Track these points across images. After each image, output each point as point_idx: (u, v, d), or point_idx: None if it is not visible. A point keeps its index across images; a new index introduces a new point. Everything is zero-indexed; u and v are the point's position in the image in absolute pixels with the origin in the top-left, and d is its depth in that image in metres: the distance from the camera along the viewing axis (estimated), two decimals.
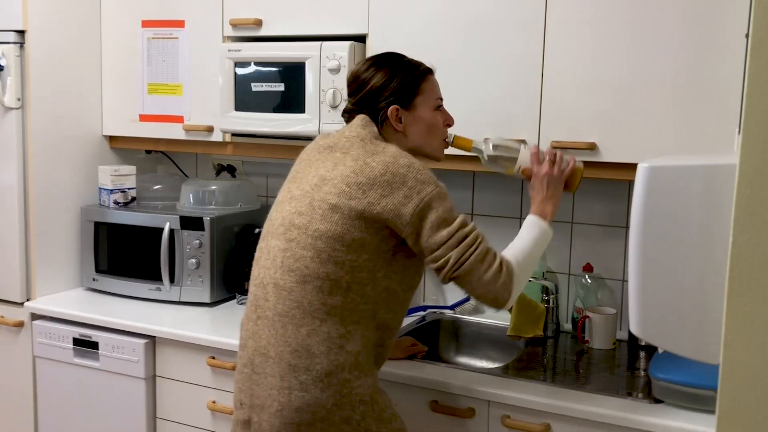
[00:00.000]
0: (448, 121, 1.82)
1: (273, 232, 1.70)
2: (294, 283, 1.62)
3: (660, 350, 2.11)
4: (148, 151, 2.91)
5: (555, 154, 1.81)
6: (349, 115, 1.78)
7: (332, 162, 1.67)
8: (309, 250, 1.61)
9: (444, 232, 1.61)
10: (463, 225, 1.63)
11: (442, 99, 1.81)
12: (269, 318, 1.65)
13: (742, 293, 0.91)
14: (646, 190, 1.06)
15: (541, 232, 1.75)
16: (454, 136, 1.83)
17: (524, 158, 1.83)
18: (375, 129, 1.71)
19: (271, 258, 1.68)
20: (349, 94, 1.79)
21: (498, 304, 1.65)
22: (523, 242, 1.73)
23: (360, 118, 1.73)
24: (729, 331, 0.92)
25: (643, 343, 2.19)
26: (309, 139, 2.32)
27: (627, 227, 2.29)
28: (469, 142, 1.85)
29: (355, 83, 1.77)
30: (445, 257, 1.61)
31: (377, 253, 1.63)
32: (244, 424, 1.70)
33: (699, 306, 1.04)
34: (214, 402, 2.22)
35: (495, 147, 1.85)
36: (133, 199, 2.68)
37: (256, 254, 1.76)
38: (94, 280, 2.64)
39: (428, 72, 1.79)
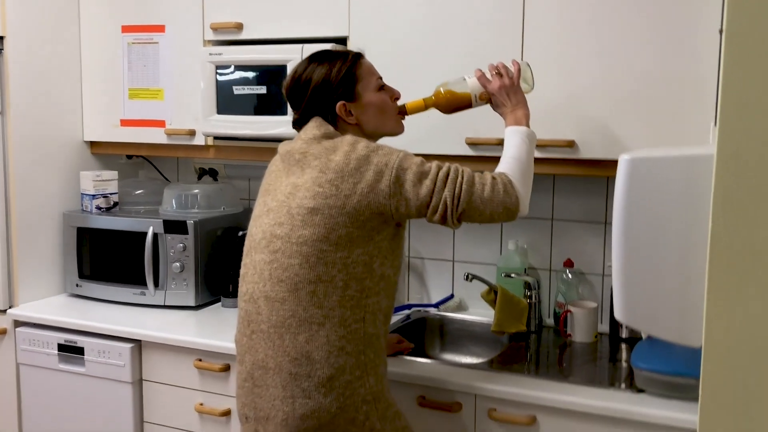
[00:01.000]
0: (395, 95, 1.84)
1: (255, 247, 1.71)
2: (286, 292, 1.63)
3: (644, 335, 2.16)
4: (129, 156, 2.91)
5: (497, 67, 1.85)
6: (299, 126, 1.78)
7: (299, 167, 1.69)
8: (296, 258, 1.63)
9: (427, 182, 1.63)
10: (440, 167, 1.66)
11: (381, 77, 1.82)
12: (264, 331, 1.66)
13: (722, 277, 0.95)
14: (628, 180, 1.10)
15: (523, 136, 1.77)
16: (405, 104, 1.86)
17: (474, 86, 1.87)
18: (330, 127, 1.72)
19: (258, 272, 1.69)
20: (293, 105, 1.78)
21: (511, 212, 1.67)
22: (509, 151, 1.75)
23: (313, 120, 1.73)
24: (710, 314, 0.96)
25: (624, 336, 2.23)
26: (282, 142, 2.36)
27: (606, 223, 2.34)
28: (421, 102, 1.88)
29: (297, 87, 1.76)
30: (441, 201, 1.63)
31: (371, 244, 1.64)
32: None
33: (680, 292, 1.08)
34: (201, 404, 2.23)
35: (446, 92, 1.88)
36: (116, 204, 2.68)
37: (242, 270, 1.77)
38: (77, 285, 2.63)
39: (358, 57, 1.79)
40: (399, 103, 1.85)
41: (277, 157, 1.80)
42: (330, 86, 1.73)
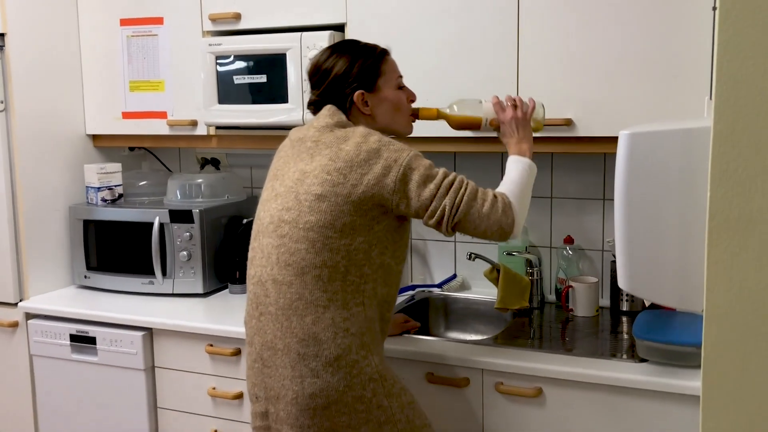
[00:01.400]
0: (411, 97, 1.89)
1: (263, 231, 1.76)
2: (293, 276, 1.68)
3: (646, 303, 2.21)
4: (131, 148, 2.95)
5: (515, 99, 1.89)
6: (315, 107, 1.83)
7: (308, 154, 1.73)
8: (303, 243, 1.67)
9: (431, 186, 1.67)
10: (447, 175, 1.70)
11: (402, 77, 1.87)
12: (272, 313, 1.71)
13: (721, 242, 1.00)
14: (628, 154, 1.14)
15: (525, 165, 1.81)
16: (419, 108, 1.91)
17: (488, 111, 1.92)
18: (342, 116, 1.77)
19: (265, 256, 1.73)
20: (313, 86, 1.83)
21: (505, 232, 1.71)
22: (511, 175, 1.80)
23: (327, 108, 1.78)
24: (710, 278, 1.01)
25: (624, 309, 2.29)
26: (293, 128, 2.40)
27: (604, 199, 2.39)
28: (434, 110, 1.93)
29: (317, 74, 1.81)
30: (440, 207, 1.67)
31: (371, 233, 1.69)
32: (262, 415, 1.76)
33: (681, 259, 1.13)
34: (214, 388, 2.27)
35: (459, 109, 1.93)
36: (120, 195, 2.72)
37: (250, 254, 1.81)
38: (86, 277, 2.67)
39: (386, 53, 1.84)
40: (414, 106, 1.90)
41: (286, 142, 1.84)
42: (348, 79, 1.77)
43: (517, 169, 1.81)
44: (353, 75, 1.77)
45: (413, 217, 1.72)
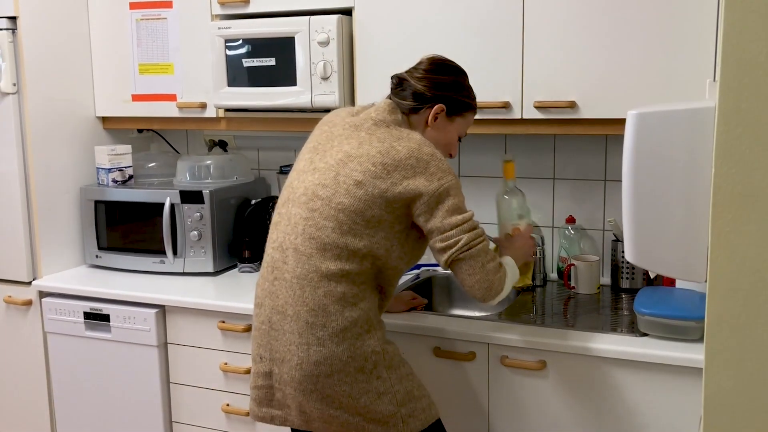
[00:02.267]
0: (454, 151, 1.97)
1: (295, 200, 1.82)
2: (314, 249, 1.74)
3: (651, 275, 2.27)
4: (140, 131, 2.99)
5: (536, 243, 2.07)
6: (397, 80, 1.89)
7: (357, 140, 1.80)
8: (331, 221, 1.74)
9: (458, 217, 1.75)
10: (473, 218, 1.79)
11: (467, 134, 1.98)
12: (287, 280, 1.77)
13: (724, 215, 1.06)
14: (636, 133, 1.20)
15: (515, 266, 1.92)
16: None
17: (521, 225, 2.18)
18: (399, 116, 1.85)
19: (292, 224, 1.80)
20: (412, 71, 1.90)
21: (490, 294, 1.79)
22: (511, 263, 1.90)
23: (387, 104, 1.86)
24: (714, 249, 1.07)
25: (624, 286, 2.36)
26: (302, 110, 2.45)
27: (605, 180, 2.45)
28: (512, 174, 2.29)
29: (424, 66, 1.90)
30: (456, 238, 1.75)
31: (392, 232, 1.76)
32: (265, 375, 1.83)
33: (686, 233, 1.19)
34: (226, 363, 2.34)
35: (500, 202, 2.26)
36: (131, 177, 2.77)
37: (275, 218, 1.87)
38: (97, 257, 2.72)
39: (476, 108, 1.96)
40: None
41: (336, 120, 1.90)
42: (449, 92, 1.87)
43: (514, 263, 1.92)
44: (449, 94, 1.87)
45: (425, 232, 1.79)
